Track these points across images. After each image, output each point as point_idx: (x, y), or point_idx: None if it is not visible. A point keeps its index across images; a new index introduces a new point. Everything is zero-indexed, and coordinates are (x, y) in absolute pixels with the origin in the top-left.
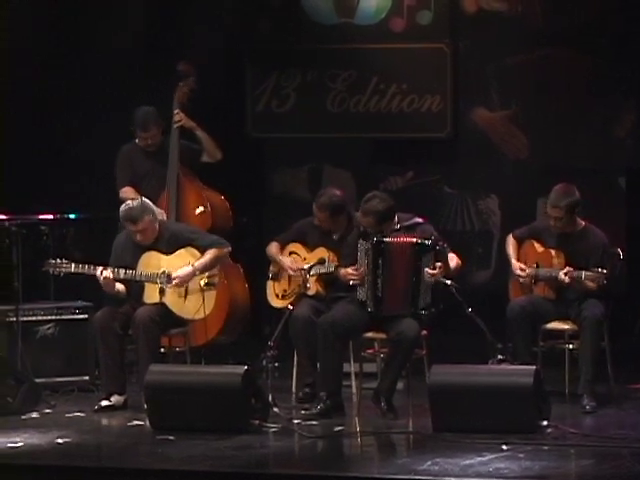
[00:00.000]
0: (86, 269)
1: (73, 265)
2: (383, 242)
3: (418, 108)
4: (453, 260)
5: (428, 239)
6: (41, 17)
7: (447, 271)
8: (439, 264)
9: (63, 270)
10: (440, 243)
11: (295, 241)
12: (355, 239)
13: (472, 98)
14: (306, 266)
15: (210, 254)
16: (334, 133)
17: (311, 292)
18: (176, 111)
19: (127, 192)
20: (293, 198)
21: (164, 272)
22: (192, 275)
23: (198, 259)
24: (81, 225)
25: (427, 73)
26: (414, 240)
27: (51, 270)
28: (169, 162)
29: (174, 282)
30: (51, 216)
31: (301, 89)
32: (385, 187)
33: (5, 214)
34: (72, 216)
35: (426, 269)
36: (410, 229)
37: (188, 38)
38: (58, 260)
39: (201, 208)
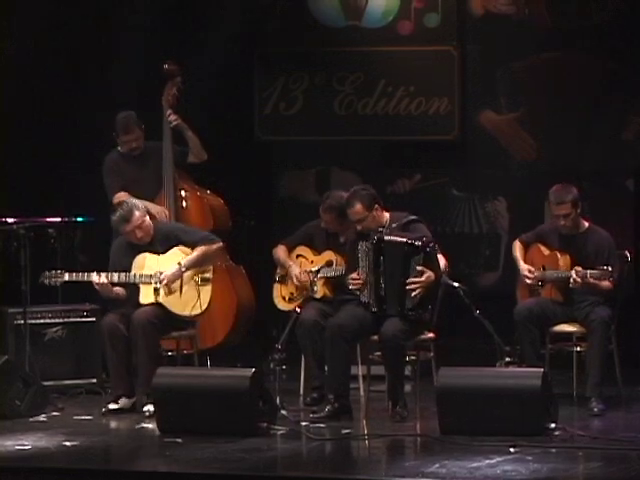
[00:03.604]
0: (80, 277)
1: (67, 274)
2: (383, 241)
3: (426, 111)
4: (441, 262)
5: (419, 240)
6: (41, 17)
7: (437, 274)
8: (421, 269)
9: (58, 280)
10: (431, 245)
11: (302, 244)
12: (352, 243)
13: (480, 101)
14: (314, 269)
15: (198, 251)
16: (342, 136)
17: (318, 295)
18: (169, 112)
19: (122, 197)
20: (300, 201)
21: (157, 272)
22: (179, 273)
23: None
24: (89, 228)
25: (435, 76)
26: (404, 240)
27: (47, 281)
28: (164, 164)
29: (162, 283)
30: (59, 219)
31: (309, 92)
32: (393, 190)
33: (13, 217)
34: (80, 219)
35: (410, 278)
36: (405, 226)
37: (191, 39)
38: (53, 271)
39: (183, 193)
